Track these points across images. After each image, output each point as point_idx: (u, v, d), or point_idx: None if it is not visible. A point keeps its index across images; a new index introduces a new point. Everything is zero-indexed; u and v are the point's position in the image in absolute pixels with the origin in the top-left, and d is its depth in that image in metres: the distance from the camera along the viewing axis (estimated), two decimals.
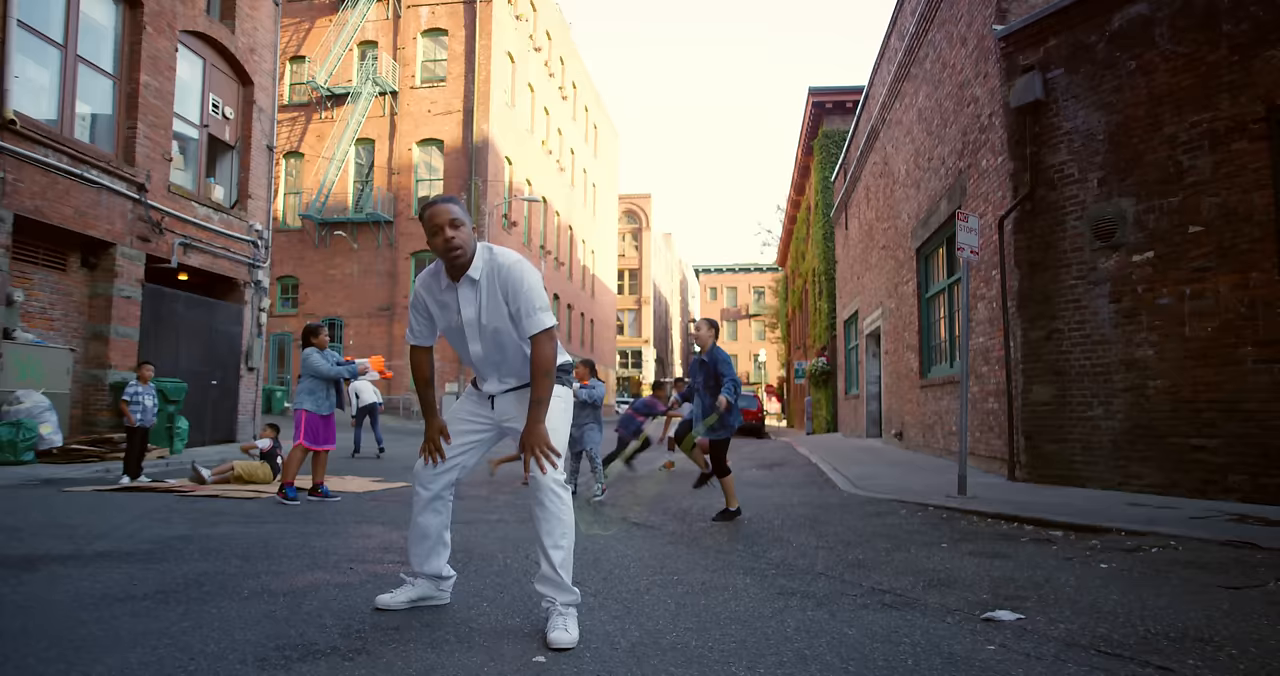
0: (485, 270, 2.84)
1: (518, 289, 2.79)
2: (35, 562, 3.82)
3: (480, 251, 2.86)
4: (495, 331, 2.88)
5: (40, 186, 10.60)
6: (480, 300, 2.85)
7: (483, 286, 2.84)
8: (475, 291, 2.85)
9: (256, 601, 3.17)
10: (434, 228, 2.79)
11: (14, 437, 9.71)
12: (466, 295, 2.86)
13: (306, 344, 7.13)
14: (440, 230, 2.78)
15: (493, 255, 2.85)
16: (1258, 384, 6.55)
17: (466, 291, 2.86)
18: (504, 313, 2.84)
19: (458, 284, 2.87)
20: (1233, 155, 6.80)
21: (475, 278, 2.84)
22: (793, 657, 2.58)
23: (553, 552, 2.77)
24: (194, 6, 13.75)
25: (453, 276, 2.87)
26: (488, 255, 2.86)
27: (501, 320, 2.85)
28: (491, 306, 2.84)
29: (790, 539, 5.19)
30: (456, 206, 2.83)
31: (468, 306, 2.86)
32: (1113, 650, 2.73)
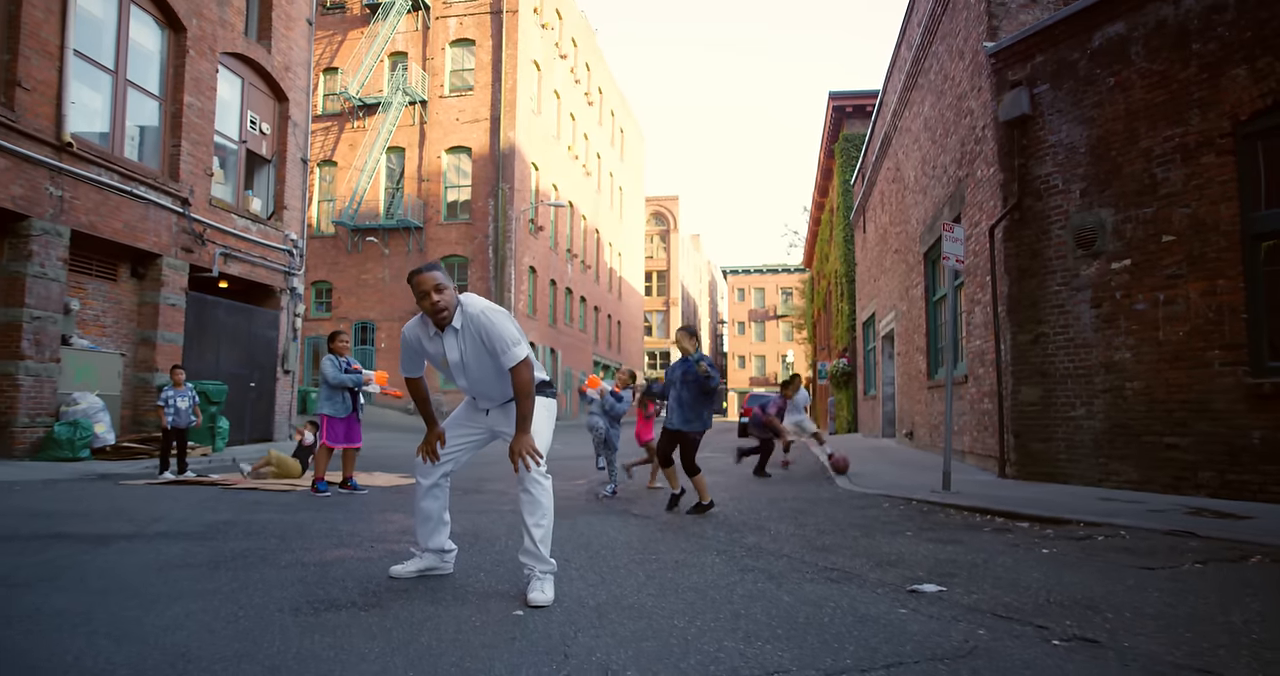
0: (461, 320, 3.41)
1: (490, 332, 3.36)
2: (108, 539, 4.47)
3: (462, 303, 3.42)
4: (479, 366, 3.47)
5: (94, 203, 11.41)
6: (462, 345, 3.43)
7: (463, 334, 3.43)
8: (457, 338, 3.44)
9: (291, 570, 3.78)
10: (422, 292, 3.37)
11: (72, 436, 10.50)
12: (450, 342, 3.45)
13: (328, 349, 7.78)
14: (427, 295, 3.36)
15: (464, 306, 3.42)
16: (1224, 385, 6.93)
17: (450, 339, 3.44)
18: (484, 351, 3.41)
19: (442, 334, 3.44)
20: (1202, 168, 7.18)
21: (456, 327, 3.43)
22: (728, 616, 3.11)
23: (534, 530, 3.33)
24: (233, 29, 14.56)
25: (438, 327, 3.44)
26: (463, 306, 3.42)
27: (483, 357, 3.43)
28: (473, 348, 3.43)
29: (770, 527, 5.70)
30: (439, 273, 3.41)
31: (452, 351, 3.45)
32: (1006, 614, 3.22)
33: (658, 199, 71.63)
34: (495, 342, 3.36)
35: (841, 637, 2.82)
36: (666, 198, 73.18)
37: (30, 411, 10.47)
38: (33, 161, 10.32)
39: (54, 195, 10.70)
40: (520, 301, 31.23)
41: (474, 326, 3.39)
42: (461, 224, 30.99)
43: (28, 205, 10.32)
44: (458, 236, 30.96)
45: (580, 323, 40.65)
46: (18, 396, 10.31)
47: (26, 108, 10.28)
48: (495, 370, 3.44)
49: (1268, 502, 6.48)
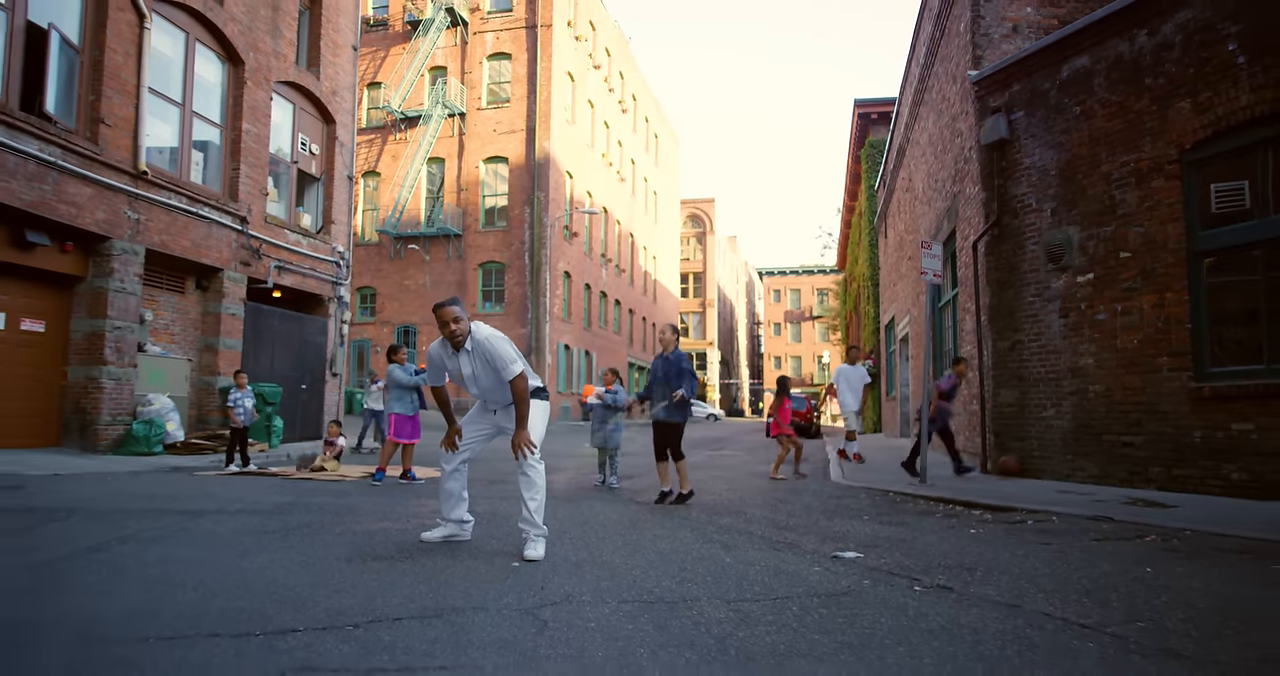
0: (472, 344, 4.38)
1: (493, 354, 4.34)
2: (202, 514, 5.56)
3: (472, 330, 4.40)
4: (486, 378, 4.45)
5: (164, 224, 12.69)
6: (473, 362, 4.41)
7: (474, 354, 4.40)
8: (469, 357, 4.42)
9: (344, 535, 4.81)
10: (443, 322, 4.36)
11: (147, 433, 11.76)
12: (464, 360, 4.43)
13: (390, 360, 8.94)
14: (447, 324, 4.35)
15: (475, 332, 4.40)
16: (1170, 389, 7.65)
17: (464, 357, 4.43)
18: (490, 367, 4.38)
19: (458, 353, 4.43)
20: (1153, 191, 7.91)
21: (468, 349, 4.41)
22: (675, 570, 4.04)
23: (530, 502, 4.31)
24: (285, 60, 15.81)
25: (455, 348, 4.43)
26: (473, 332, 4.40)
27: (489, 371, 4.41)
28: (481, 365, 4.40)
29: (747, 512, 6.60)
30: (458, 307, 4.40)
31: (465, 367, 4.43)
32: (896, 571, 4.11)
33: (693, 201, 72.40)
34: (496, 362, 4.33)
35: (753, 583, 3.74)
36: (702, 200, 73.89)
37: (112, 411, 11.74)
38: (114, 189, 11.59)
39: (131, 218, 11.97)
40: (555, 306, 32.36)
41: (481, 349, 4.37)
42: (499, 231, 32.22)
43: (109, 227, 11.59)
44: (495, 243, 32.20)
45: (614, 325, 41.69)
46: (101, 398, 11.59)
47: (108, 141, 11.56)
48: (498, 381, 4.42)
49: (1204, 494, 7.21)
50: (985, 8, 10.34)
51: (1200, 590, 3.65)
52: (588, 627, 2.87)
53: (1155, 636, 2.87)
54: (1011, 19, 10.33)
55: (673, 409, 7.29)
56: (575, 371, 35.11)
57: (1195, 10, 7.54)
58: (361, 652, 2.50)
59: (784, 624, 2.99)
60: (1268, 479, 6.83)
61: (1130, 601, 3.42)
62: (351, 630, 2.75)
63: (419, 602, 3.18)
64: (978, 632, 2.91)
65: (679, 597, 3.39)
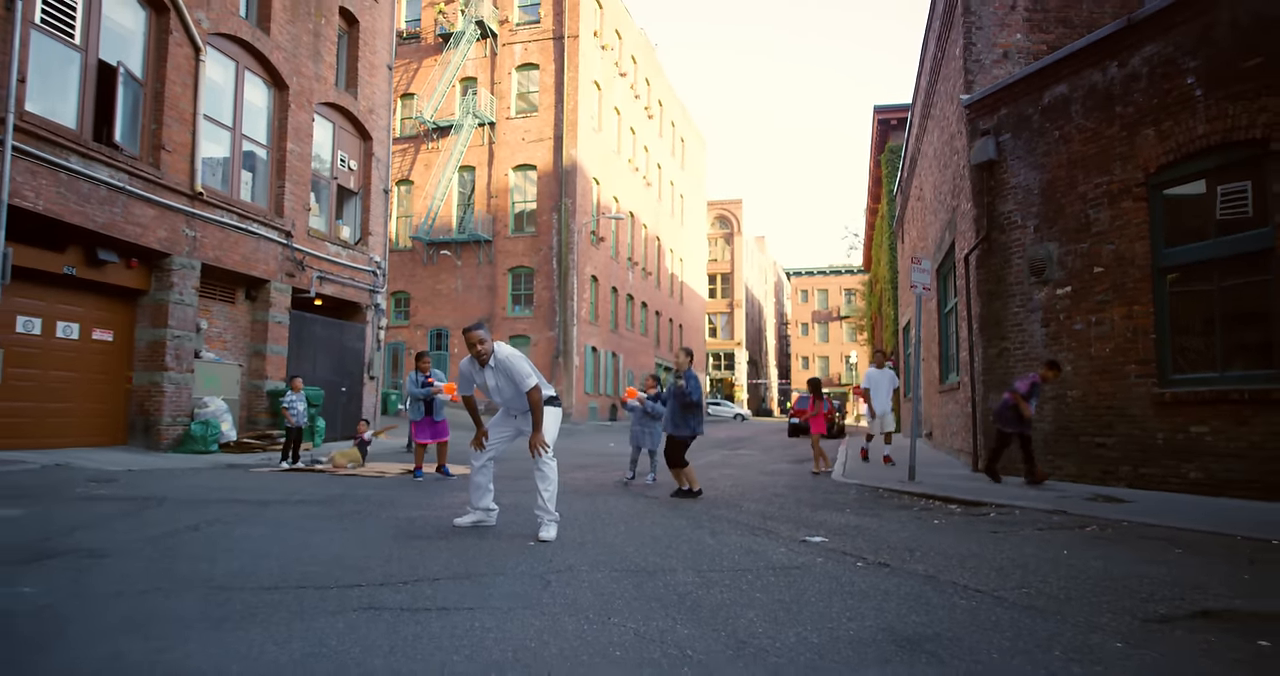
0: (495, 361, 5.24)
1: (511, 371, 5.20)
2: (267, 503, 6.49)
3: (495, 349, 5.26)
4: (507, 389, 5.31)
5: (218, 240, 13.76)
6: (497, 377, 5.27)
7: (497, 370, 5.25)
8: (494, 372, 5.27)
9: (389, 520, 5.70)
10: (471, 343, 5.24)
11: (204, 433, 12.82)
12: (489, 374, 5.29)
13: (416, 366, 9.83)
14: (474, 345, 5.23)
15: (497, 351, 5.25)
16: (1137, 394, 8.31)
17: (489, 372, 5.28)
18: (510, 380, 5.23)
19: (484, 369, 5.29)
20: (1123, 212, 8.56)
21: (492, 365, 5.26)
22: (663, 548, 4.86)
23: (544, 492, 5.16)
24: (326, 82, 16.86)
25: (481, 365, 5.29)
26: (495, 351, 5.25)
27: (509, 384, 5.26)
28: (503, 379, 5.26)
29: (744, 506, 7.39)
30: (483, 331, 5.28)
31: (489, 380, 5.29)
32: (849, 552, 4.89)
33: (721, 203, 72.97)
34: (515, 377, 5.19)
35: (724, 559, 4.56)
36: (730, 201, 74.42)
37: (172, 412, 12.82)
38: (173, 210, 12.67)
39: (189, 235, 13.05)
40: (582, 309, 33.28)
41: (503, 366, 5.23)
42: (528, 237, 33.22)
43: (170, 245, 12.67)
44: (524, 248, 33.20)
45: (641, 327, 42.54)
46: (163, 401, 12.67)
47: (169, 165, 12.64)
48: (518, 392, 5.27)
49: (1166, 491, 7.87)
50: (977, 35, 11.01)
51: (1096, 568, 4.40)
52: (582, 586, 3.71)
53: (1028, 598, 3.64)
54: (1002, 45, 10.99)
55: (679, 424, 8.10)
56: (603, 373, 36.01)
57: (1159, 45, 8.19)
58: (410, 600, 3.36)
59: (737, 587, 3.80)
60: (1220, 477, 7.48)
61: (1029, 574, 4.18)
62: (401, 586, 3.62)
63: (452, 569, 4.04)
64: (888, 594, 3.70)
65: (659, 568, 4.21)
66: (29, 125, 10.29)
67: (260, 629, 2.86)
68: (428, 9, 35.53)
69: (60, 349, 11.58)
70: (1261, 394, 7.13)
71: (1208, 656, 2.78)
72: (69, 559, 3.91)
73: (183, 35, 12.93)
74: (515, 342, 32.60)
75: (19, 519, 5.01)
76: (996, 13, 11.02)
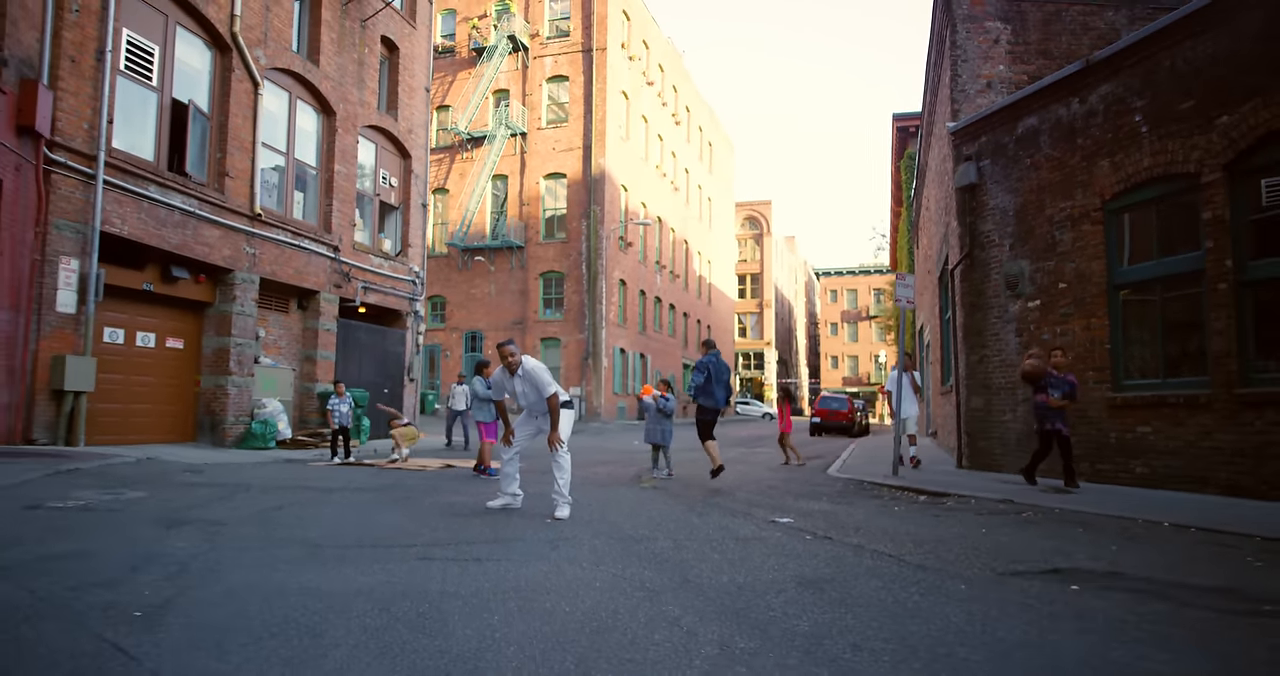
0: (522, 371, 6.42)
1: (536, 381, 6.38)
2: (332, 491, 7.76)
3: (523, 361, 6.44)
4: (531, 394, 6.47)
5: (273, 256, 15.16)
6: (524, 385, 6.44)
7: (524, 378, 6.43)
8: (521, 380, 6.45)
9: (433, 503, 6.92)
10: (503, 357, 6.45)
11: (264, 431, 14.22)
12: (518, 383, 6.47)
13: (477, 373, 11.01)
14: (506, 358, 6.44)
15: (524, 363, 6.44)
16: (1095, 398, 9.27)
17: (518, 381, 6.47)
18: (534, 388, 6.40)
19: (514, 377, 6.47)
20: (1082, 234, 9.52)
21: (520, 375, 6.45)
22: (654, 525, 6.01)
23: (560, 479, 6.34)
24: (369, 107, 18.24)
25: (511, 373, 6.48)
26: (523, 363, 6.44)
27: (534, 390, 6.43)
28: (528, 387, 6.44)
29: (738, 495, 8.50)
30: (513, 346, 6.51)
31: (518, 386, 6.48)
32: (806, 530, 5.99)
33: (750, 204, 73.73)
34: (538, 384, 6.37)
35: (701, 533, 5.69)
36: (759, 202, 75.14)
37: (235, 413, 14.23)
38: (236, 230, 14.08)
39: (249, 253, 14.46)
40: (611, 312, 34.49)
41: (528, 375, 6.41)
42: (558, 243, 34.51)
43: (233, 261, 14.08)
44: (555, 254, 34.49)
45: (669, 328, 43.66)
46: (227, 402, 14.08)
47: (232, 191, 14.05)
48: (540, 397, 6.45)
49: (1116, 485, 8.84)
50: (962, 66, 11.99)
51: (996, 541, 5.46)
52: (582, 548, 4.87)
53: (923, 559, 4.73)
54: (986, 76, 11.96)
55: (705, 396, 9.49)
56: (630, 374, 37.19)
57: (1113, 85, 9.15)
58: (453, 554, 4.55)
59: (700, 550, 4.94)
60: (1161, 472, 8.44)
61: (938, 545, 5.26)
62: (447, 546, 4.81)
63: (484, 536, 5.23)
64: (815, 555, 4.82)
65: (645, 538, 5.37)
66: (116, 160, 11.71)
67: (350, 568, 4.06)
68: (462, 24, 36.98)
69: (139, 356, 13.02)
70: (1193, 398, 8.08)
71: (1020, 592, 3.86)
72: (199, 526, 5.17)
73: (243, 72, 14.33)
74: (546, 345, 33.94)
75: (146, 499, 6.30)
76: (981, 46, 11.98)
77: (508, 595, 3.57)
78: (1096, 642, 2.97)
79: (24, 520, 5.03)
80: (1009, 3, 11.98)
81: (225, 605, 3.21)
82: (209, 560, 4.11)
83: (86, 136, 11.26)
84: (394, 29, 19.32)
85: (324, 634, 2.85)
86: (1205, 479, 7.95)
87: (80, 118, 11.19)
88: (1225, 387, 7.77)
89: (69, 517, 5.25)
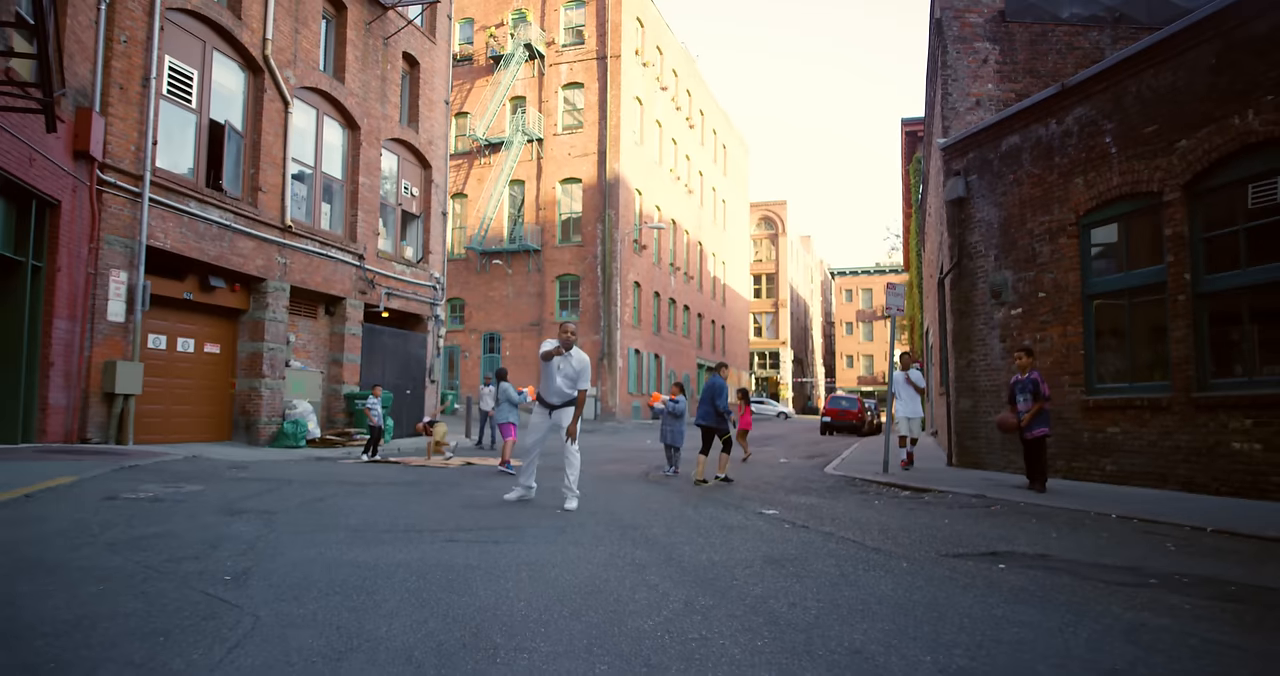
0: (574, 353, 7.12)
1: (583, 370, 7.12)
2: (365, 485, 8.57)
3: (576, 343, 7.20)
4: (565, 379, 7.18)
5: (302, 265, 16.04)
6: (568, 366, 7.14)
7: (572, 360, 7.11)
8: (567, 362, 7.13)
9: (456, 496, 7.71)
10: (566, 331, 7.18)
11: (295, 431, 15.09)
12: (565, 360, 7.14)
13: (501, 379, 11.87)
14: (567, 333, 7.16)
15: (576, 347, 7.16)
16: (1071, 400, 9.92)
17: (566, 358, 7.13)
18: (576, 373, 7.13)
19: (563, 356, 7.17)
20: (1060, 247, 10.17)
21: (571, 355, 7.17)
22: (651, 515, 6.75)
23: (570, 473, 7.10)
24: (391, 121, 19.10)
25: (566, 349, 7.18)
26: (575, 346, 7.16)
27: (574, 375, 7.13)
28: (570, 370, 7.13)
29: (734, 490, 9.23)
30: (573, 324, 7.25)
31: (561, 364, 7.14)
32: (787, 520, 6.71)
33: (764, 204, 74.25)
34: (582, 372, 7.11)
35: (691, 522, 6.44)
36: (774, 202, 75.62)
37: (268, 413, 15.12)
38: (268, 241, 14.96)
39: (280, 263, 15.34)
40: (625, 314, 35.27)
41: (576, 357, 7.13)
42: (574, 246, 35.33)
43: (265, 271, 14.96)
44: (570, 257, 35.32)
45: (683, 329, 44.39)
46: (261, 403, 14.97)
47: (264, 204, 14.93)
48: (569, 386, 7.16)
49: (1088, 482, 9.49)
50: (953, 85, 12.65)
51: (959, 530, 6.16)
52: (585, 533, 5.63)
53: (881, 544, 5.45)
54: (975, 94, 12.61)
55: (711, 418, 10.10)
56: (645, 374, 37.95)
57: (1086, 108, 9.79)
58: (475, 537, 5.32)
59: (688, 536, 5.69)
60: (1127, 469, 9.09)
61: (900, 532, 5.98)
62: (469, 531, 5.59)
63: (501, 523, 6.01)
64: (786, 540, 5.55)
65: (642, 525, 6.12)
66: (160, 178, 12.60)
67: (388, 547, 4.85)
68: (480, 33, 37.86)
69: (180, 361, 13.93)
70: (1156, 402, 8.73)
71: (951, 569, 4.58)
72: (255, 514, 5.97)
73: (274, 92, 15.21)
74: None
75: (204, 492, 7.12)
76: (970, 66, 12.63)
77: (520, 568, 4.34)
78: (987, 603, 3.69)
79: (107, 509, 5.85)
80: (997, 24, 12.62)
81: (293, 572, 3.99)
82: (271, 540, 4.90)
83: (134, 158, 12.15)
84: (415, 45, 20.17)
85: (375, 592, 3.62)
86: (1165, 476, 8.60)
87: (128, 140, 12.09)
88: (1184, 392, 8.42)
89: (143, 507, 6.07)
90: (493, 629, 3.10)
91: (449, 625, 3.13)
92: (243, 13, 14.39)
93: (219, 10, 13.88)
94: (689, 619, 3.32)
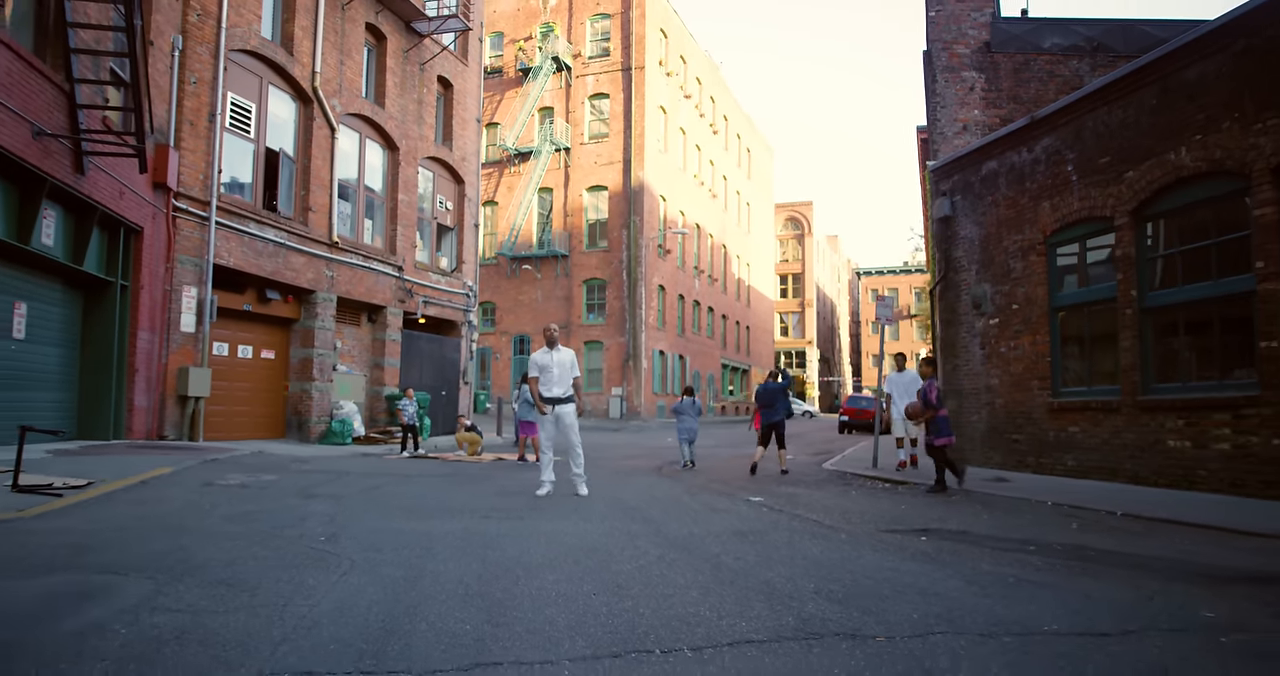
0: (559, 348, 8.43)
1: (572, 361, 8.42)
2: (409, 477, 9.91)
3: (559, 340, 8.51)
4: (559, 371, 8.45)
5: (348, 277, 17.51)
6: (560, 359, 8.42)
7: (560, 355, 8.42)
8: (556, 356, 8.42)
9: (489, 486, 9.02)
10: (550, 330, 8.50)
11: (342, 429, 16.56)
12: (553, 356, 8.43)
13: (524, 383, 13.14)
14: (547, 333, 8.48)
15: (559, 344, 8.46)
16: (1039, 403, 11.00)
17: (554, 354, 8.43)
18: (566, 366, 8.42)
19: (551, 351, 8.47)
20: (1030, 264, 11.24)
21: (557, 351, 8.46)
22: (651, 501, 8.00)
23: (575, 465, 8.38)
24: (427, 141, 20.53)
25: (550, 346, 8.48)
26: (559, 344, 8.46)
27: (565, 368, 8.43)
28: (561, 362, 8.42)
29: (732, 481, 10.44)
30: (557, 326, 8.56)
31: (553, 359, 8.43)
32: (767, 505, 7.91)
33: (790, 205, 75.07)
34: (571, 363, 8.39)
35: (684, 506, 7.67)
36: (800, 203, 76.40)
37: (318, 413, 16.60)
38: (318, 257, 16.43)
39: (328, 276, 16.82)
40: (650, 316, 36.54)
41: (565, 354, 8.41)
42: (600, 251, 36.67)
43: (315, 283, 16.44)
44: (597, 262, 36.66)
45: (708, 330, 45.56)
46: (311, 404, 16.46)
47: (313, 223, 16.40)
48: (566, 375, 8.42)
49: (1052, 476, 10.57)
50: (941, 112, 13.73)
51: (908, 513, 7.33)
52: (592, 513, 6.90)
53: (835, 522, 6.64)
54: (962, 119, 13.68)
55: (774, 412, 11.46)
56: (670, 375, 39.19)
57: (1052, 139, 10.85)
58: (504, 516, 6.61)
59: (678, 516, 6.93)
60: (1086, 464, 10.16)
61: (857, 514, 7.16)
62: (500, 511, 6.88)
63: (525, 506, 7.30)
64: (758, 519, 6.76)
65: (641, 507, 7.38)
66: (224, 203, 14.09)
67: (437, 521, 6.15)
68: (509, 46, 39.33)
69: (240, 366, 15.44)
70: (1108, 403, 9.80)
71: (880, 540, 5.77)
72: (326, 497, 7.32)
73: (322, 119, 16.68)
74: (589, 348, 36.08)
75: (279, 480, 8.51)
76: (958, 93, 13.70)
77: (538, 536, 5.61)
78: (886, 562, 4.88)
79: (208, 493, 7.24)
80: (983, 54, 13.68)
81: (369, 536, 5.30)
82: (345, 516, 6.24)
83: (202, 185, 13.65)
84: (448, 68, 21.60)
85: (432, 548, 4.92)
86: (1116, 470, 9.67)
87: (197, 170, 13.59)
88: (1130, 395, 9.48)
89: (235, 492, 7.45)
90: (516, 568, 4.38)
91: (486, 566, 4.42)
92: (294, 49, 15.86)
93: (274, 48, 15.36)
94: (658, 566, 4.57)
